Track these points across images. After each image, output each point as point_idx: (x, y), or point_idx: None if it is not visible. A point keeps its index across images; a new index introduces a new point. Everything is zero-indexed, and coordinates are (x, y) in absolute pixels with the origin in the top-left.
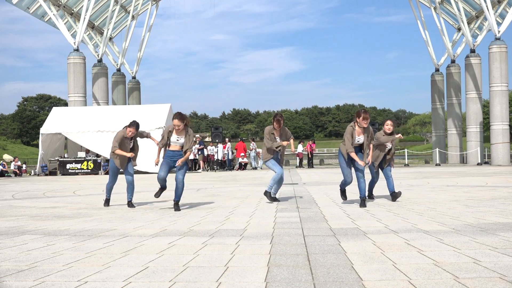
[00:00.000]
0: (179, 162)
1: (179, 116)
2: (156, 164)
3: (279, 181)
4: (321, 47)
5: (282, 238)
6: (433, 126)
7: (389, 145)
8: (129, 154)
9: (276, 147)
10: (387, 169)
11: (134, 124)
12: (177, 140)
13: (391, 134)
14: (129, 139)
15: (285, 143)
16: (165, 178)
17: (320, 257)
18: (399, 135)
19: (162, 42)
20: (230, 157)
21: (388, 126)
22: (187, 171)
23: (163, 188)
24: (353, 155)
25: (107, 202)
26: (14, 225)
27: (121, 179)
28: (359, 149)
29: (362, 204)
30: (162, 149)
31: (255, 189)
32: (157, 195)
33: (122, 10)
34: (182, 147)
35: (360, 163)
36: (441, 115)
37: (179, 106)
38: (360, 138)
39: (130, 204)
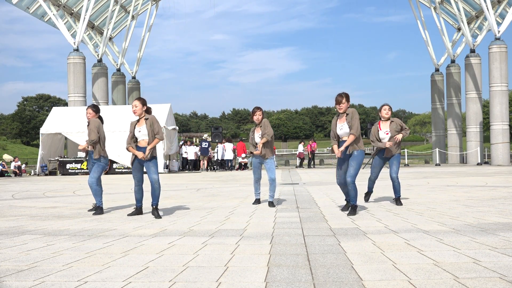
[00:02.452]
0: (146, 154)
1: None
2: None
3: (272, 186)
4: (321, 47)
5: (282, 238)
6: (433, 126)
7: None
8: (80, 147)
9: (254, 151)
10: (392, 169)
11: (90, 106)
12: (139, 132)
13: (388, 119)
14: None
15: (257, 152)
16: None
17: (320, 257)
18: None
19: (162, 42)
20: (227, 157)
21: (386, 110)
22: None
23: (139, 208)
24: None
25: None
26: (14, 225)
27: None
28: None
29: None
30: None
31: None
32: (132, 214)
33: (122, 10)
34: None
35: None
36: (441, 115)
37: (179, 106)
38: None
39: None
